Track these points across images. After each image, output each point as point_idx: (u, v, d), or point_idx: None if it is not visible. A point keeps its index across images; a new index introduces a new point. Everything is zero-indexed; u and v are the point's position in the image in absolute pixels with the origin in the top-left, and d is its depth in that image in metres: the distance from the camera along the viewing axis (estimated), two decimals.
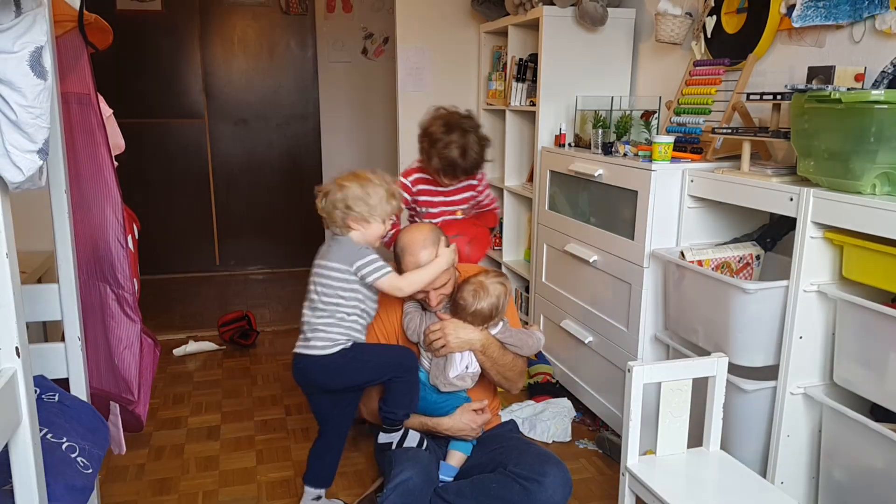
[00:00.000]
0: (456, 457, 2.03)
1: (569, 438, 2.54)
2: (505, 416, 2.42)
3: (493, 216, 2.69)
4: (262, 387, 3.05)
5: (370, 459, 2.26)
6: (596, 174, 2.41)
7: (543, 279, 2.93)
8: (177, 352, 3.40)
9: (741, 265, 2.10)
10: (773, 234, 2.15)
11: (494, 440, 2.06)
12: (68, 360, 1.70)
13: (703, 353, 2.04)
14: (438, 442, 2.06)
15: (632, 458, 1.77)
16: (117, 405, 1.85)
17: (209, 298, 4.43)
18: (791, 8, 2.11)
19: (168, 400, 2.90)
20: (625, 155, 2.35)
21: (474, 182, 2.55)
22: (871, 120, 1.54)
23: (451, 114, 2.36)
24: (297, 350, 1.93)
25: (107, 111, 1.79)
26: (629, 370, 1.72)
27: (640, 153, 2.29)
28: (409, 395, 1.95)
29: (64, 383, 1.70)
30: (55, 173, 1.57)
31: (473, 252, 2.46)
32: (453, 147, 2.28)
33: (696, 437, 1.85)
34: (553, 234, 2.81)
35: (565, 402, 2.71)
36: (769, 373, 1.86)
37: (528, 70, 3.22)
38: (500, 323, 2.03)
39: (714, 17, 2.47)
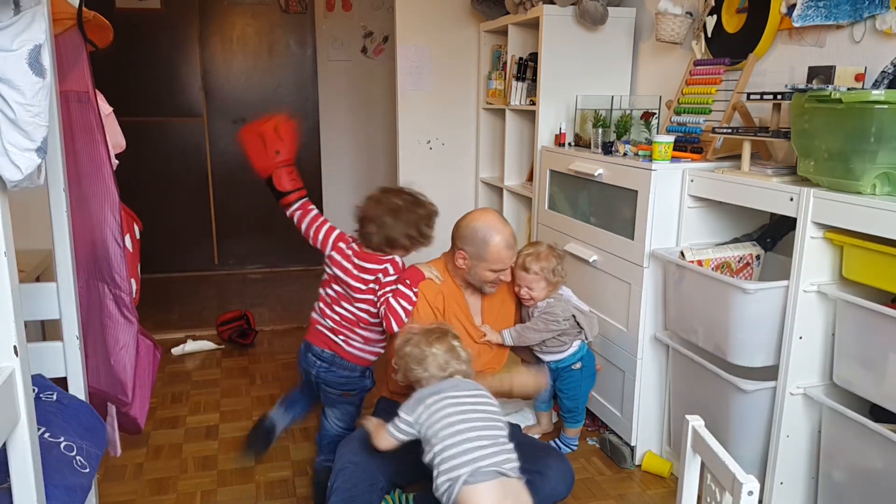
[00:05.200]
0: None
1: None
2: None
3: (387, 322, 2.07)
4: (260, 386, 3.04)
5: None
6: (596, 174, 2.40)
7: None
8: (175, 351, 3.40)
9: (741, 265, 2.10)
10: (773, 234, 2.15)
11: None
12: (66, 359, 1.70)
13: (703, 352, 2.04)
14: None
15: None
16: (114, 406, 1.84)
17: (208, 298, 4.42)
18: (791, 8, 2.11)
19: (166, 399, 2.90)
20: (625, 154, 2.34)
21: (385, 267, 2.11)
22: (871, 120, 1.54)
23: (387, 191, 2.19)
24: None
25: (106, 109, 1.78)
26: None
27: (640, 153, 2.29)
28: None
29: (62, 382, 1.70)
30: (54, 172, 1.57)
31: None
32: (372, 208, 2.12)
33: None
34: (553, 234, 2.80)
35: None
36: (769, 373, 1.86)
37: (528, 69, 3.22)
38: None
39: (714, 16, 2.47)
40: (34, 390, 1.46)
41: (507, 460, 1.61)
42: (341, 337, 2.16)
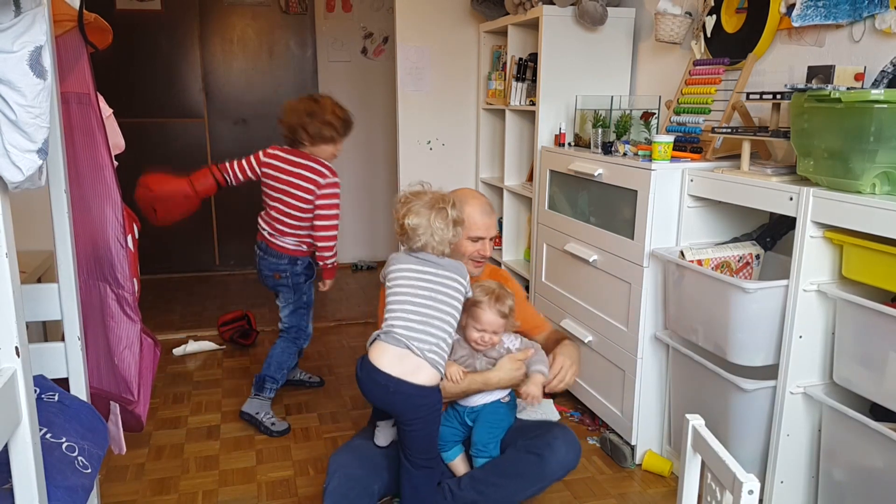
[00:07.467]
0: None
1: None
2: None
3: (321, 241, 2.67)
4: None
5: None
6: (596, 174, 2.41)
7: (543, 279, 2.93)
8: (176, 351, 3.41)
9: (741, 265, 2.11)
10: (773, 233, 2.15)
11: None
12: (68, 360, 1.70)
13: (703, 352, 2.04)
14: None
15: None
16: (117, 405, 1.85)
17: (209, 298, 4.42)
18: (791, 7, 2.11)
19: (168, 399, 2.90)
20: (624, 154, 2.35)
21: (324, 170, 2.69)
22: (870, 119, 1.54)
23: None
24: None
25: (106, 111, 1.78)
26: None
27: (640, 153, 2.29)
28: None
29: (64, 383, 1.70)
30: (55, 173, 1.57)
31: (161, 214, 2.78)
32: (335, 108, 2.68)
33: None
34: (553, 234, 2.81)
35: (549, 407, 2.68)
36: (769, 372, 1.86)
37: (527, 69, 3.22)
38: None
39: (714, 16, 2.47)
40: (36, 391, 1.46)
41: (420, 340, 1.71)
42: (268, 230, 2.70)
